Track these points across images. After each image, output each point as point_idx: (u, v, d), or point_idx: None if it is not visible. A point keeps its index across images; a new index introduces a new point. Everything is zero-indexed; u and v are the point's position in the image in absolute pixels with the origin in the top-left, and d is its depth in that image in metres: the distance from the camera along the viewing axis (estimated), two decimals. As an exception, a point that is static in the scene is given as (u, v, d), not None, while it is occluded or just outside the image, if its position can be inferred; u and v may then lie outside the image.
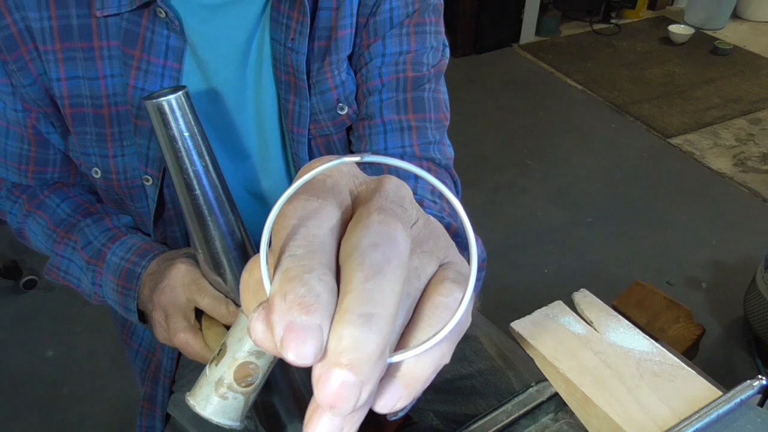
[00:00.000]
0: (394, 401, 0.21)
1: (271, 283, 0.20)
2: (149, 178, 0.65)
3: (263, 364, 0.47)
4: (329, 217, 0.21)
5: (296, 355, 0.18)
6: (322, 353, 0.19)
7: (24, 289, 1.90)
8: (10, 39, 0.58)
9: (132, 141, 0.64)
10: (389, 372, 0.21)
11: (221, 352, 0.47)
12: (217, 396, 0.47)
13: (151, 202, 0.67)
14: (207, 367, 0.48)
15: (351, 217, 0.22)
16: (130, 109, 0.62)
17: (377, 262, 0.19)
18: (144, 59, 0.59)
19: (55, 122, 0.65)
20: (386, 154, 0.65)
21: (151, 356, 0.79)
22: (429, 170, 0.66)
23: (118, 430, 1.56)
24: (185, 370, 0.79)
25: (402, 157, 0.65)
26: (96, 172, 0.66)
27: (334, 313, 0.19)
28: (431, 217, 0.26)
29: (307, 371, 0.20)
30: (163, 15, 0.58)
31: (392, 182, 0.24)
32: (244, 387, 0.47)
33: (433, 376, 0.21)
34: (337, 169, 0.23)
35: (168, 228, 0.71)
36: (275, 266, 0.20)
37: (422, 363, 0.21)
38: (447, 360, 0.22)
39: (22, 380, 1.67)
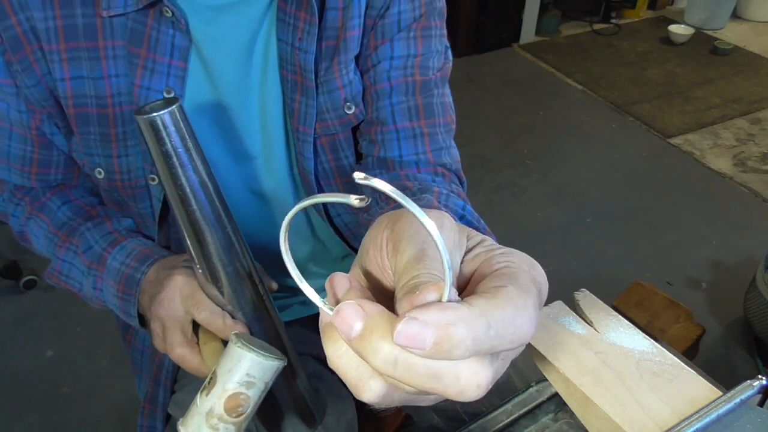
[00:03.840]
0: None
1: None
2: (155, 177, 0.65)
3: (254, 394, 0.47)
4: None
5: (401, 334, 0.23)
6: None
7: (24, 289, 1.90)
8: (15, 39, 0.58)
9: (136, 141, 0.64)
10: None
11: (211, 381, 0.47)
12: (208, 427, 0.47)
13: (156, 202, 0.67)
14: (198, 396, 0.48)
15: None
16: (135, 108, 0.62)
17: (441, 377, 0.24)
18: (150, 58, 0.59)
19: (59, 123, 0.65)
20: (401, 160, 0.67)
21: (155, 355, 0.79)
22: (443, 176, 0.68)
23: (118, 430, 1.56)
24: (186, 371, 0.79)
25: (417, 164, 0.67)
26: (99, 173, 0.66)
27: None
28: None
29: (309, 377, 0.23)
30: (169, 14, 0.58)
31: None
32: (234, 417, 0.47)
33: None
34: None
35: (172, 229, 0.71)
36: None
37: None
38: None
39: (22, 380, 1.67)
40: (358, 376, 0.26)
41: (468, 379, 0.24)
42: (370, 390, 0.26)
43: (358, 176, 0.23)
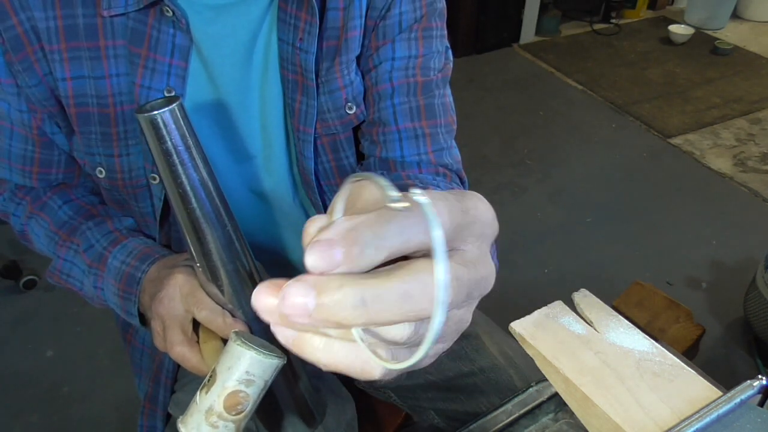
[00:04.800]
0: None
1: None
2: (156, 176, 0.65)
3: (253, 393, 0.47)
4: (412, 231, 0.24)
5: (314, 259, 0.22)
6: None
7: (24, 289, 1.90)
8: (16, 39, 0.58)
9: (137, 140, 0.64)
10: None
11: (211, 379, 0.47)
12: (207, 425, 0.47)
13: (157, 201, 0.68)
14: (197, 394, 0.48)
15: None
16: (135, 107, 0.62)
17: (412, 294, 0.23)
18: (151, 58, 0.60)
19: (60, 122, 0.65)
20: (403, 161, 0.68)
21: (155, 355, 0.80)
22: (444, 176, 0.68)
23: (118, 430, 1.56)
24: (186, 370, 0.80)
25: (418, 165, 0.67)
26: (100, 172, 0.66)
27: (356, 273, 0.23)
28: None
29: (309, 377, 0.21)
30: (169, 13, 0.58)
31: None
32: (234, 415, 0.47)
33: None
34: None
35: (172, 228, 0.71)
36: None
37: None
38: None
39: (22, 380, 1.67)
40: (360, 359, 0.25)
41: (434, 283, 0.23)
42: (378, 366, 0.25)
43: (415, 192, 0.24)
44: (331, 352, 0.25)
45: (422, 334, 0.25)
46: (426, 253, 0.24)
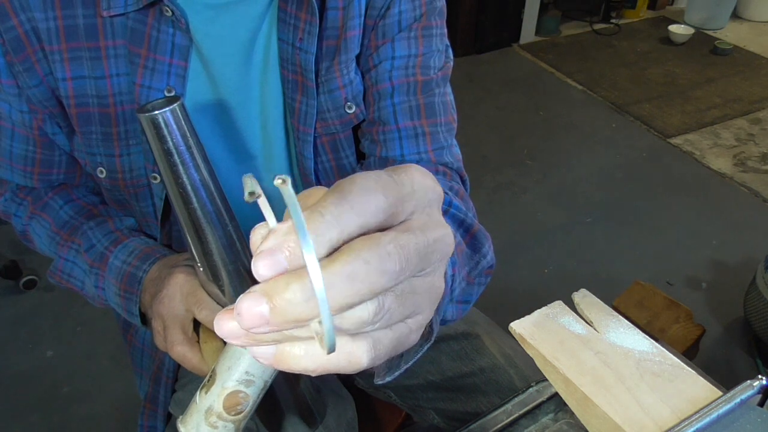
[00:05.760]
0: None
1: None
2: (157, 176, 0.65)
3: (253, 393, 0.47)
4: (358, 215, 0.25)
5: (261, 269, 0.23)
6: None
7: (24, 289, 1.90)
8: (16, 40, 0.59)
9: (138, 140, 0.64)
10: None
11: (211, 379, 0.47)
12: (207, 425, 0.47)
13: (158, 201, 0.68)
14: (197, 393, 0.48)
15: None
16: (136, 107, 0.62)
17: (357, 273, 0.23)
18: (150, 57, 0.60)
19: (61, 123, 0.65)
20: (403, 160, 0.68)
21: (155, 355, 0.80)
22: (444, 174, 0.68)
23: (118, 430, 1.56)
24: (187, 370, 0.80)
25: (419, 163, 0.67)
26: (101, 172, 0.66)
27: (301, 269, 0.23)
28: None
29: (311, 377, 0.21)
30: (169, 13, 0.58)
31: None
32: (233, 416, 0.47)
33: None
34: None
35: (174, 227, 0.72)
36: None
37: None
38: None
39: (22, 380, 1.67)
40: (344, 352, 0.25)
41: (370, 245, 0.23)
42: (363, 353, 0.25)
43: (277, 182, 0.24)
44: (313, 356, 0.25)
45: (389, 307, 0.25)
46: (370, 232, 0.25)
